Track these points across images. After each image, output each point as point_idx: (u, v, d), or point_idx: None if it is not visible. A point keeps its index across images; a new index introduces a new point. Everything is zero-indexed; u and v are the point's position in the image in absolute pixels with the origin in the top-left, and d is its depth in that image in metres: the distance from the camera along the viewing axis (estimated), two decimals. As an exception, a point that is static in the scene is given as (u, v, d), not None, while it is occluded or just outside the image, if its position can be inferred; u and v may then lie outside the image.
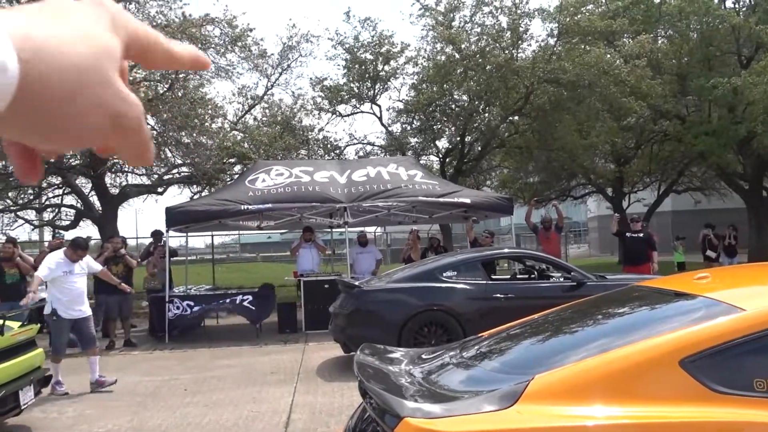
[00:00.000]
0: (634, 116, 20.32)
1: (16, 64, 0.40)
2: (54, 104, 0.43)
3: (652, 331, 2.67)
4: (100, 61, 0.46)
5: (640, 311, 3.16)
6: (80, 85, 0.44)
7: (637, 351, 2.53)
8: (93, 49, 0.45)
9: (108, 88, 0.46)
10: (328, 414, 6.52)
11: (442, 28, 18.93)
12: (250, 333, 12.10)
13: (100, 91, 0.45)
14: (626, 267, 12.95)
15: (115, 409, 7.04)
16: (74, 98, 0.44)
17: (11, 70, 0.40)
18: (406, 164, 13.76)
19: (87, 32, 0.46)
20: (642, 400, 2.44)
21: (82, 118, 0.45)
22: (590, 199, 35.77)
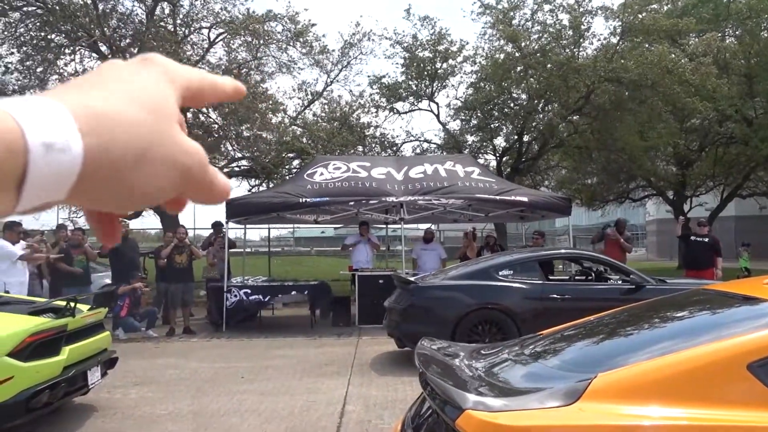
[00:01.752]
0: (699, 117, 19.75)
1: (80, 142, 0.40)
2: (120, 173, 0.43)
3: (719, 334, 2.64)
4: (158, 120, 0.46)
5: (705, 314, 3.11)
6: (143, 150, 0.44)
7: (704, 353, 2.51)
8: (150, 109, 0.46)
9: (170, 145, 0.46)
10: (382, 407, 6.59)
11: (503, 26, 18.78)
12: (305, 325, 12.30)
13: (163, 150, 0.46)
14: (688, 272, 12.51)
15: (176, 392, 7.28)
16: (139, 163, 0.44)
17: (75, 149, 0.40)
18: (463, 161, 13.73)
19: (142, 93, 0.46)
20: (707, 403, 2.42)
21: (149, 180, 0.45)
22: (649, 202, 34.91)
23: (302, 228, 31.97)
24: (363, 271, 12.74)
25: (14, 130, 0.38)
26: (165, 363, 9.05)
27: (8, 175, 0.38)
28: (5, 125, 0.38)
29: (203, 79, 0.53)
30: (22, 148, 0.38)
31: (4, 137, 0.37)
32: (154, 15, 16.57)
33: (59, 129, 0.40)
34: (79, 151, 0.40)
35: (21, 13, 16.21)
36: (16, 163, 0.38)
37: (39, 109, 0.40)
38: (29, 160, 0.38)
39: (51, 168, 0.39)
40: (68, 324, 5.64)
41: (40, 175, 0.39)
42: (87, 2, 16.18)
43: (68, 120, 0.40)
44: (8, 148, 0.37)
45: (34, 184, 0.39)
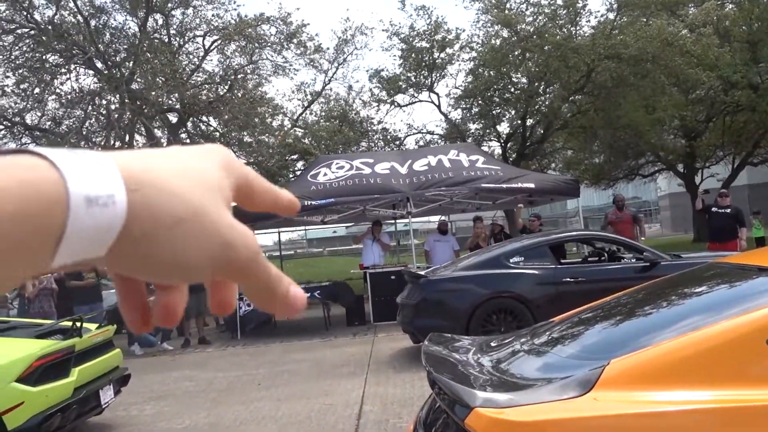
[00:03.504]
0: (703, 88, 19.47)
1: (124, 197, 0.39)
2: (159, 231, 0.41)
3: (736, 309, 2.51)
4: (204, 193, 0.44)
5: (720, 289, 2.98)
6: (185, 215, 0.42)
7: (721, 331, 2.39)
8: (198, 183, 0.44)
9: (215, 217, 0.44)
10: (400, 405, 6.50)
11: (497, 11, 18.59)
12: (320, 327, 12.23)
13: (206, 220, 0.44)
14: (712, 244, 12.06)
15: (192, 405, 7.22)
16: (180, 225, 0.42)
17: (119, 204, 0.39)
18: (467, 150, 13.58)
19: (195, 167, 0.45)
20: (727, 382, 2.31)
21: (187, 248, 0.43)
22: (660, 177, 34.64)
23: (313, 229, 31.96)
24: (374, 268, 12.64)
25: (56, 181, 0.36)
26: (181, 375, 9.00)
27: (46, 228, 0.36)
28: (47, 175, 0.36)
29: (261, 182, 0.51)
30: (63, 201, 0.36)
31: (45, 188, 0.36)
32: (147, 27, 16.51)
33: (104, 182, 0.38)
34: (123, 206, 0.39)
35: (14, 36, 16.21)
36: (55, 216, 0.36)
37: (85, 160, 0.38)
38: (69, 214, 0.36)
39: (92, 222, 0.37)
40: (76, 344, 5.58)
41: (80, 230, 0.37)
42: (79, 20, 16.16)
43: (115, 173, 0.39)
44: (48, 200, 0.36)
45: (73, 239, 0.37)
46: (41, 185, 0.36)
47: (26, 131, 16.88)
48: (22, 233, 0.35)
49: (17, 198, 0.35)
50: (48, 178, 0.36)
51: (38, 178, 0.36)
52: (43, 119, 16.95)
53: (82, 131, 16.46)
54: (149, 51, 15.66)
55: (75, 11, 16.21)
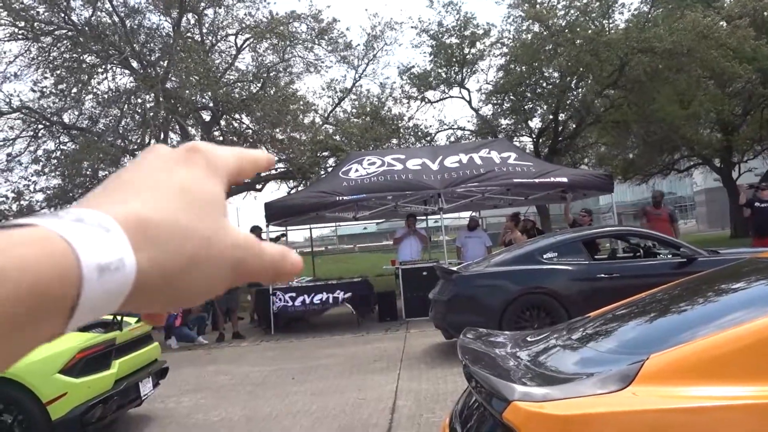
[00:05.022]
0: (741, 81, 19.06)
1: (133, 259, 0.40)
2: (171, 281, 0.42)
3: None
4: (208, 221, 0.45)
5: (760, 285, 2.94)
6: (194, 256, 0.43)
7: (762, 327, 2.36)
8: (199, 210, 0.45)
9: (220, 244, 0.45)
10: (433, 400, 6.52)
11: (528, 6, 18.44)
12: (352, 323, 12.30)
13: (214, 251, 0.45)
14: (757, 240, 11.77)
15: (229, 398, 7.34)
16: (189, 268, 0.43)
17: (128, 266, 0.39)
18: (498, 147, 13.52)
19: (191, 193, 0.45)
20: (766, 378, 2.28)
21: (199, 282, 0.44)
22: (696, 172, 34.05)
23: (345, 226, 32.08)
24: (406, 264, 12.67)
25: (68, 255, 0.37)
26: (216, 369, 9.14)
27: (61, 301, 0.37)
28: (59, 250, 0.37)
29: (242, 158, 0.52)
30: (76, 273, 0.37)
31: (59, 263, 0.36)
32: (181, 27, 16.74)
33: (113, 248, 0.39)
34: (132, 267, 0.39)
35: (53, 38, 16.56)
36: (69, 289, 0.37)
37: (92, 228, 0.38)
38: (84, 284, 0.37)
39: (104, 288, 0.38)
40: (117, 337, 5.71)
41: (93, 298, 0.38)
42: (115, 21, 16.45)
43: (121, 237, 0.39)
44: (62, 275, 0.36)
45: (86, 306, 0.38)
46: (56, 258, 0.36)
47: (64, 130, 17.23)
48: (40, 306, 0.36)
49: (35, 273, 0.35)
50: (59, 252, 0.37)
51: (53, 251, 0.37)
52: (80, 118, 17.30)
53: (119, 130, 16.77)
54: (183, 50, 15.87)
55: (111, 12, 16.50)
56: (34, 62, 16.50)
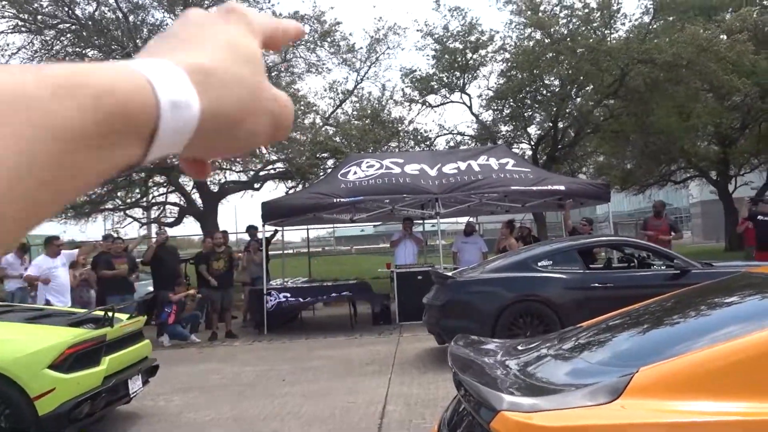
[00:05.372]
0: (740, 95, 19.09)
1: (197, 101, 0.44)
2: (226, 126, 0.47)
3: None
4: (253, 71, 0.49)
5: (752, 300, 2.94)
6: (245, 102, 0.48)
7: (754, 343, 2.36)
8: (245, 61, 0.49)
9: (264, 96, 0.50)
10: (423, 405, 6.51)
11: (530, 13, 18.46)
12: (346, 324, 12.28)
13: (261, 102, 0.49)
14: (759, 254, 11.72)
15: (219, 398, 7.31)
16: (243, 115, 0.48)
17: (194, 107, 0.44)
18: (497, 154, 13.52)
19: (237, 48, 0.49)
20: (759, 395, 2.28)
21: (249, 129, 0.49)
22: (692, 184, 34.08)
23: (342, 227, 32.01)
24: (404, 267, 12.66)
25: (148, 89, 0.41)
26: (208, 368, 9.11)
27: (142, 128, 0.42)
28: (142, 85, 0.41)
29: (277, 25, 0.56)
30: (154, 106, 0.42)
31: (141, 95, 0.41)
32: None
33: (182, 89, 0.43)
34: (197, 108, 0.44)
35: (56, 31, 16.54)
36: (149, 119, 0.42)
37: (165, 70, 0.43)
38: (160, 117, 0.42)
39: (175, 124, 0.43)
40: (107, 334, 5.69)
41: (167, 130, 0.43)
42: (118, 16, 16.43)
43: (186, 80, 0.44)
44: (144, 105, 0.41)
45: (162, 139, 0.43)
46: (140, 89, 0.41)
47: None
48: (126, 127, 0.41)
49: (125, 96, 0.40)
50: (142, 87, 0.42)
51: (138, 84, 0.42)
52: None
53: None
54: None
55: (115, 7, 16.48)
56: (36, 55, 16.47)
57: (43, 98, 0.38)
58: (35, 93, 0.37)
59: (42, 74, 0.39)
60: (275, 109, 0.51)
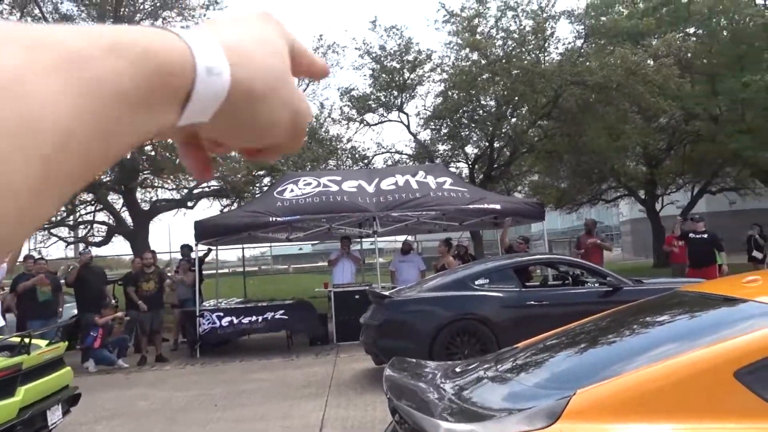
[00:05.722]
0: (666, 117, 19.87)
1: (228, 70, 0.45)
2: (252, 103, 0.48)
3: (702, 340, 2.48)
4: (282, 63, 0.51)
5: (685, 319, 2.95)
6: (272, 86, 0.49)
7: (688, 363, 2.34)
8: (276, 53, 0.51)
9: (290, 88, 0.51)
10: (361, 428, 6.38)
11: (468, 35, 18.76)
12: (282, 346, 12.02)
13: (285, 91, 0.51)
14: (691, 270, 12.25)
15: (147, 425, 6.99)
16: (268, 98, 0.49)
17: (225, 75, 0.45)
18: (435, 172, 13.59)
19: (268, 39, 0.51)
20: (694, 415, 2.26)
21: (271, 115, 0.50)
22: (622, 203, 35.19)
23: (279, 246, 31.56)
24: (342, 286, 12.51)
25: (187, 53, 0.43)
26: (135, 394, 8.72)
27: (179, 91, 0.43)
28: (181, 47, 0.43)
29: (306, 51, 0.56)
30: (192, 69, 0.43)
31: (182, 59, 0.43)
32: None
33: (217, 56, 0.45)
34: (228, 77, 0.45)
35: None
36: (186, 81, 0.43)
37: (202, 38, 0.45)
38: (196, 80, 0.43)
39: (208, 90, 0.44)
40: (24, 362, 5.34)
41: (201, 95, 0.44)
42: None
43: (221, 51, 0.45)
44: (182, 68, 0.43)
45: (195, 102, 0.44)
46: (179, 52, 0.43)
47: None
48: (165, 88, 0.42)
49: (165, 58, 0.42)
50: (181, 51, 0.43)
51: (177, 47, 0.43)
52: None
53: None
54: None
55: (40, 18, 15.89)
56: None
57: (97, 57, 0.39)
58: (90, 52, 0.38)
59: (94, 34, 0.40)
60: (297, 104, 0.52)
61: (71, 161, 0.37)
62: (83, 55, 0.38)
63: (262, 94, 0.48)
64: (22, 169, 0.34)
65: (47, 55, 0.37)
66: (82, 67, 0.38)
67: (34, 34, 0.37)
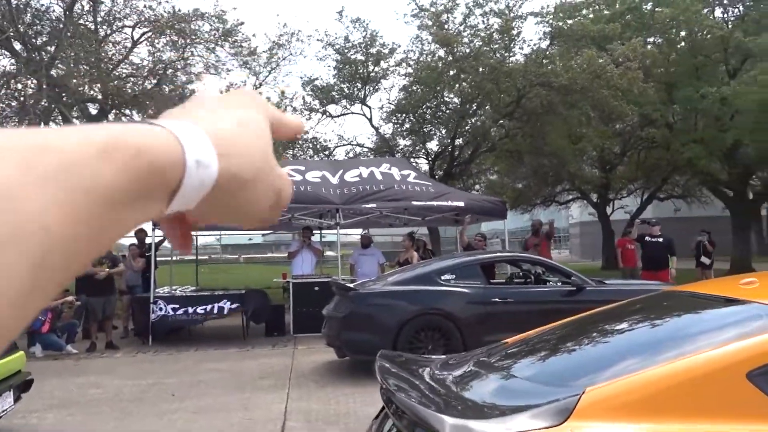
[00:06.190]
0: (625, 122, 20.23)
1: (216, 161, 0.45)
2: (237, 190, 0.48)
3: (711, 341, 2.44)
4: (265, 146, 0.51)
5: (689, 319, 2.92)
6: (257, 171, 0.50)
7: (700, 363, 2.30)
8: (258, 136, 0.51)
9: (271, 170, 0.52)
10: (325, 422, 6.25)
11: (436, 28, 18.72)
12: (236, 336, 11.79)
13: (269, 175, 0.51)
14: (645, 273, 12.54)
15: (99, 414, 6.71)
16: (254, 184, 0.50)
17: (213, 167, 0.45)
18: (399, 165, 13.53)
19: (251, 120, 0.51)
20: (706, 416, 2.22)
21: (255, 199, 0.51)
22: (574, 205, 35.82)
23: (229, 235, 31.02)
24: (302, 278, 12.32)
25: (178, 147, 0.43)
26: (86, 382, 8.39)
27: (169, 184, 0.43)
28: (172, 142, 0.43)
29: (281, 116, 0.58)
30: (182, 163, 0.43)
31: (173, 154, 0.43)
32: (73, 12, 15.64)
33: (206, 149, 0.45)
34: (215, 169, 0.46)
35: None
36: (176, 176, 0.43)
37: (191, 131, 0.45)
38: (185, 174, 0.44)
39: (196, 181, 0.45)
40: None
41: (189, 187, 0.44)
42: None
43: (207, 141, 0.46)
44: (173, 161, 0.43)
45: (183, 194, 0.45)
46: (170, 148, 0.43)
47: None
48: (155, 183, 0.42)
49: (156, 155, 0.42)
50: (173, 145, 0.43)
51: (168, 142, 0.43)
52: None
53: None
54: (74, 37, 14.80)
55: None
56: None
57: (89, 161, 0.39)
58: (83, 158, 0.39)
59: (88, 136, 0.40)
60: (279, 184, 0.53)
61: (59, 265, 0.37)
62: (76, 162, 0.38)
63: (247, 181, 0.49)
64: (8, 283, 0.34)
65: (41, 165, 0.37)
66: (75, 175, 0.38)
67: (30, 142, 0.37)
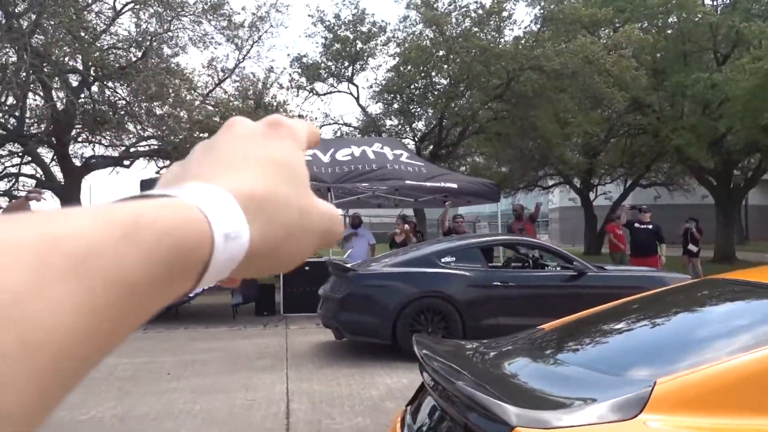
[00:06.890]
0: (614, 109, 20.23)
1: (247, 231, 0.42)
2: (274, 248, 0.45)
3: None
4: (299, 192, 0.47)
5: (745, 308, 2.83)
6: (293, 224, 0.46)
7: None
8: (293, 182, 0.47)
9: (310, 214, 0.48)
10: (329, 404, 6.14)
11: (426, 9, 18.49)
12: (226, 314, 11.63)
13: (306, 221, 0.47)
14: (633, 259, 12.58)
15: (96, 394, 6.52)
16: (289, 237, 0.45)
17: (244, 237, 0.42)
18: (390, 144, 13.39)
19: (284, 165, 0.47)
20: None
21: (295, 249, 0.47)
22: (556, 191, 35.95)
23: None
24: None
25: (204, 223, 0.40)
26: (76, 359, 8.18)
27: (197, 262, 0.40)
28: (197, 218, 0.40)
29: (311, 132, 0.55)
30: (209, 240, 0.40)
31: (198, 232, 0.40)
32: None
33: (234, 220, 0.42)
34: (247, 237, 0.42)
35: None
36: (204, 253, 0.40)
37: (218, 201, 0.42)
38: (214, 250, 0.41)
39: (226, 255, 0.41)
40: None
41: (218, 262, 0.41)
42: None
43: (237, 208, 0.42)
44: (199, 239, 0.40)
45: (212, 270, 0.41)
46: (196, 225, 0.40)
47: None
48: (181, 265, 0.39)
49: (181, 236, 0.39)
50: (199, 219, 0.40)
51: (194, 219, 0.40)
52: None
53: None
54: (55, 4, 14.33)
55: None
56: None
57: (111, 247, 0.36)
58: (103, 242, 0.36)
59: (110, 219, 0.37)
60: (324, 225, 0.49)
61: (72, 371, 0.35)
62: (96, 250, 0.35)
63: (283, 241, 0.45)
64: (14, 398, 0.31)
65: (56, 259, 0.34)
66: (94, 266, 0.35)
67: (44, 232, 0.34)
